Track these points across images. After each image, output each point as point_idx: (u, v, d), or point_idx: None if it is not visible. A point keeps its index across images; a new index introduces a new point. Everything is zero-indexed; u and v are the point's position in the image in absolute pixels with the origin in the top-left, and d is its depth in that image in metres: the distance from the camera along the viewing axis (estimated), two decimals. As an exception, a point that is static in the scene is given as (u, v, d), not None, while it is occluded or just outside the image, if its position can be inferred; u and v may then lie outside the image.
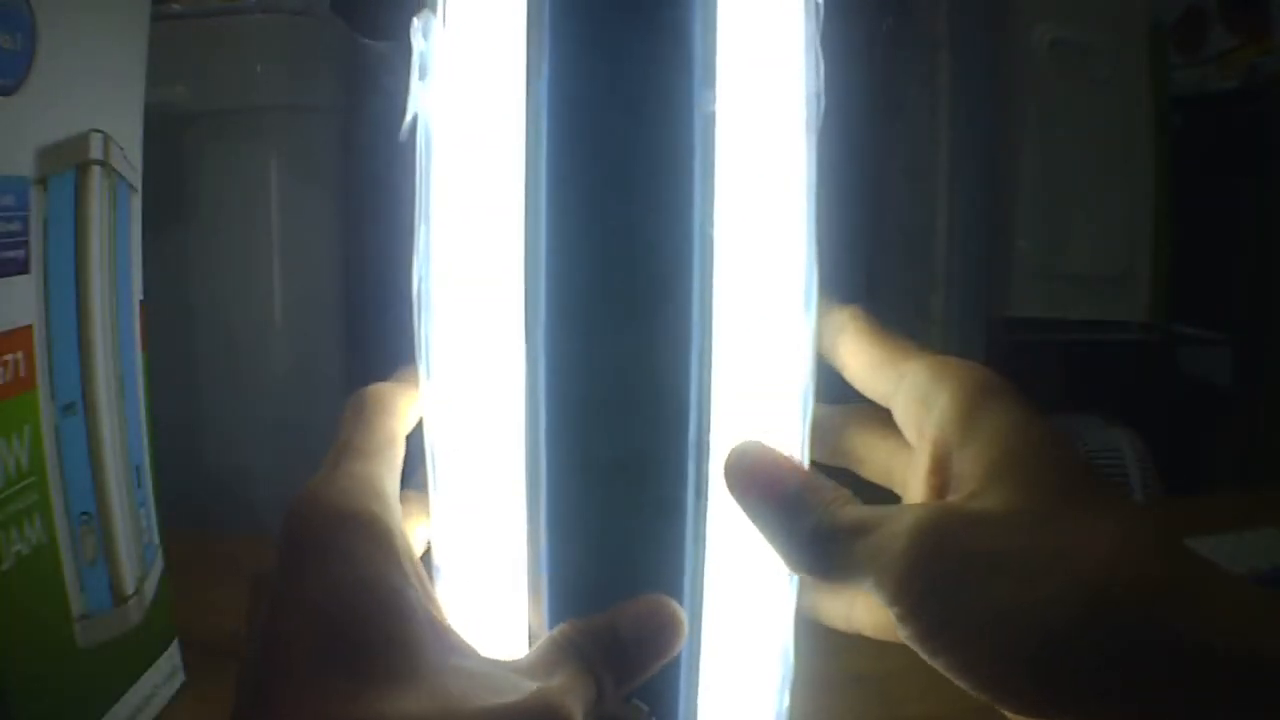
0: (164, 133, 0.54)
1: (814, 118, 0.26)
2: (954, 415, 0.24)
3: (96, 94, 0.37)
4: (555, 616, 0.24)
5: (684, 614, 0.24)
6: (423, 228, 0.26)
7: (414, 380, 0.27)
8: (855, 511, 0.23)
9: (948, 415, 0.24)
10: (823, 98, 0.26)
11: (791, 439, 0.26)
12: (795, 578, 0.27)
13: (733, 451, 0.24)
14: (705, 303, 0.23)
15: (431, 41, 0.25)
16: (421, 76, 0.25)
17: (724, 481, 0.24)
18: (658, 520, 0.23)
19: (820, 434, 0.27)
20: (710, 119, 0.23)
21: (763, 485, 0.24)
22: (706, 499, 0.24)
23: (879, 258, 1.15)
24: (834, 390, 0.28)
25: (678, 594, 0.24)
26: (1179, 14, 1.32)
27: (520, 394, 0.23)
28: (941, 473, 0.24)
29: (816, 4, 0.26)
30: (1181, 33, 1.31)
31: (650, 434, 0.23)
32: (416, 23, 0.25)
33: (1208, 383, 1.29)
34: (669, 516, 0.23)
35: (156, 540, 0.43)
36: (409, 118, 0.25)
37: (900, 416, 0.26)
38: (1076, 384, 1.26)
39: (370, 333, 0.90)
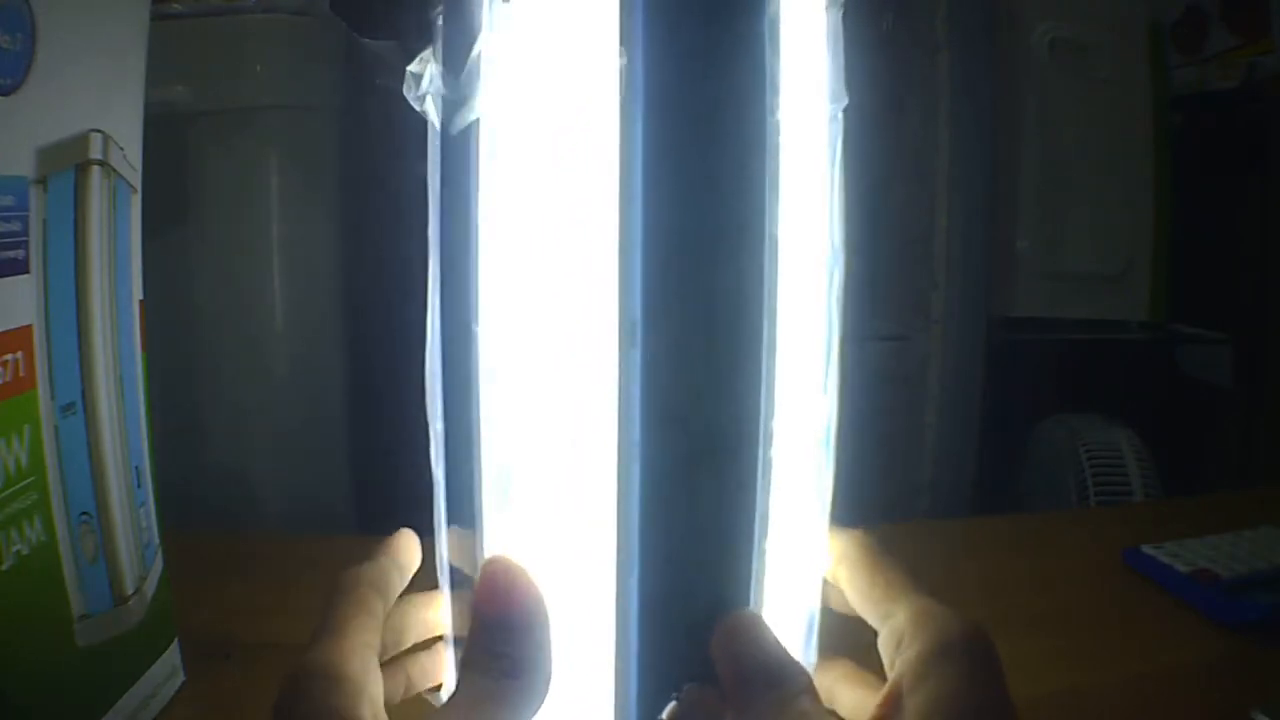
0: (164, 133, 0.54)
1: (838, 120, 0.28)
2: (913, 668, 0.26)
3: (96, 94, 0.37)
4: (646, 608, 0.25)
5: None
6: (476, 229, 0.26)
7: (400, 553, 0.30)
8: None
9: (909, 665, 0.26)
10: (845, 100, 0.28)
11: (819, 419, 0.29)
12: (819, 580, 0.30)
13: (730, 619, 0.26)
14: (772, 301, 0.25)
15: (485, 46, 0.25)
16: (476, 78, 0.26)
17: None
18: (736, 503, 0.26)
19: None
20: (777, 125, 0.25)
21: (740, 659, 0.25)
22: (770, 484, 0.26)
23: (879, 258, 1.15)
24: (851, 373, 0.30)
25: (747, 570, 0.26)
26: (1179, 14, 1.32)
27: (606, 393, 0.25)
28: (891, 709, 0.26)
29: (840, 9, 0.27)
30: (1181, 32, 1.31)
31: (734, 423, 0.25)
32: (481, 36, 0.25)
33: (1208, 383, 1.29)
34: (744, 499, 0.26)
35: (156, 540, 0.43)
36: (467, 119, 0.26)
37: (881, 647, 0.28)
38: (1076, 384, 1.26)
39: (370, 333, 0.90)
